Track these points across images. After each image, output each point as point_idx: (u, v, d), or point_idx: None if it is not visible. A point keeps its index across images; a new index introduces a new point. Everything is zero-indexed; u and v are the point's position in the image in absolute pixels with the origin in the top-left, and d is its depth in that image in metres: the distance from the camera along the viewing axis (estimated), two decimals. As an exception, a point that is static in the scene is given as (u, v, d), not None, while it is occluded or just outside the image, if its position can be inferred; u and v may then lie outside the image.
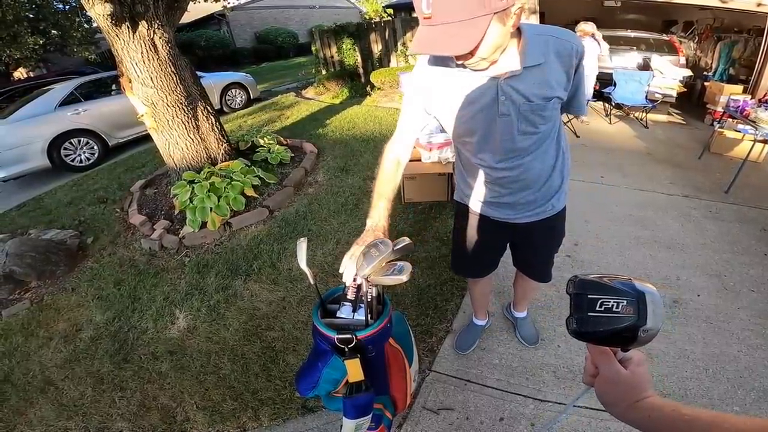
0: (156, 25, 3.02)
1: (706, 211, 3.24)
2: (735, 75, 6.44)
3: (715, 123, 5.59)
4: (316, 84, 8.76)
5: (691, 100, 6.57)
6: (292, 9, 20.55)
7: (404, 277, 0.91)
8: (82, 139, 5.50)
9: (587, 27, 4.70)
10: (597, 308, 0.48)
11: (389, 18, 9.20)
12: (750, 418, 0.42)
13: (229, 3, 6.72)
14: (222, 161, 3.73)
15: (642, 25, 8.49)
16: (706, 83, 6.32)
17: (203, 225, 2.96)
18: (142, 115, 3.34)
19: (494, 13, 0.77)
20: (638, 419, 0.50)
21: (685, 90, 6.10)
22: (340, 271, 1.00)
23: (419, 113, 1.14)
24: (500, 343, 1.97)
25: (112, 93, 6.04)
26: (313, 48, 9.43)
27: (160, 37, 3.08)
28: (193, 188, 3.09)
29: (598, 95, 5.93)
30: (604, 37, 6.48)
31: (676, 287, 2.36)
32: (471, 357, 1.90)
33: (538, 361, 1.86)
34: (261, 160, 3.88)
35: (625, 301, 0.46)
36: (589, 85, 5.11)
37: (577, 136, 4.96)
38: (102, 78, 6.31)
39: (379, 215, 1.09)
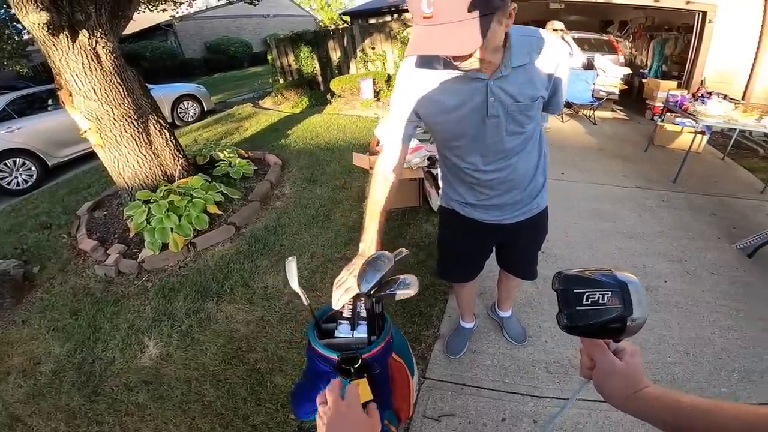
0: (98, 34, 2.79)
1: (659, 201, 3.46)
2: (668, 71, 7.01)
3: (655, 117, 6.05)
4: (274, 93, 8.56)
5: (631, 97, 7.05)
6: (245, 18, 20.05)
7: (412, 291, 0.86)
8: (17, 159, 4.99)
9: (559, 25, 4.48)
10: (584, 302, 0.49)
11: (347, 25, 9.19)
12: (744, 406, 0.44)
13: (178, 13, 6.39)
14: (179, 178, 3.50)
15: (582, 25, 9.07)
16: (643, 80, 6.82)
17: (164, 247, 2.75)
18: (86, 131, 3.06)
19: (494, 12, 0.75)
20: (639, 409, 0.50)
21: (626, 87, 6.54)
22: (333, 302, 0.94)
23: (409, 119, 1.08)
24: (489, 343, 1.96)
25: (49, 108, 5.53)
26: (268, 57, 9.22)
27: (103, 47, 2.85)
28: (149, 208, 2.87)
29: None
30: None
31: (644, 275, 2.47)
32: (463, 360, 1.88)
33: (528, 359, 1.87)
34: (222, 175, 3.69)
35: (609, 293, 0.47)
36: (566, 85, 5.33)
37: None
38: (36, 92, 5.79)
39: (371, 238, 1.02)
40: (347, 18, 12.52)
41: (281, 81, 8.92)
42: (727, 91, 4.66)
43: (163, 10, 5.84)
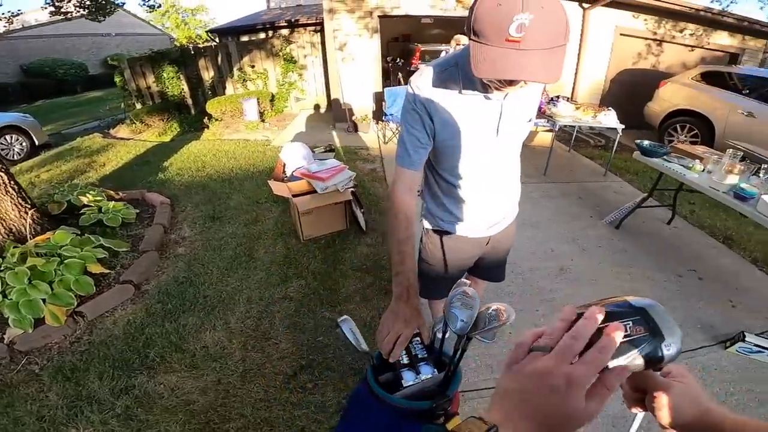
0: None
1: (540, 192, 4.06)
2: None
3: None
4: (131, 120, 7.33)
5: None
6: (75, 37, 16.70)
7: (512, 317, 0.84)
8: None
9: (464, 39, 4.83)
10: None
11: (217, 42, 8.44)
12: None
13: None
14: (33, 234, 2.70)
15: (444, 38, 10.16)
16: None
17: (38, 322, 2.07)
18: None
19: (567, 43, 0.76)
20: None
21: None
22: (391, 358, 0.85)
23: (427, 143, 1.03)
24: (462, 351, 2.00)
25: None
26: (116, 79, 7.89)
27: None
28: (1, 279, 2.13)
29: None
30: (427, 52, 7.52)
31: (554, 257, 2.86)
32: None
33: (503, 353, 1.97)
34: (94, 225, 2.96)
35: (630, 322, 0.43)
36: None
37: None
38: None
39: (409, 281, 0.93)
40: (210, 35, 11.58)
41: (138, 106, 7.71)
42: (560, 93, 5.77)
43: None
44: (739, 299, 2.47)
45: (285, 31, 7.97)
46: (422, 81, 0.98)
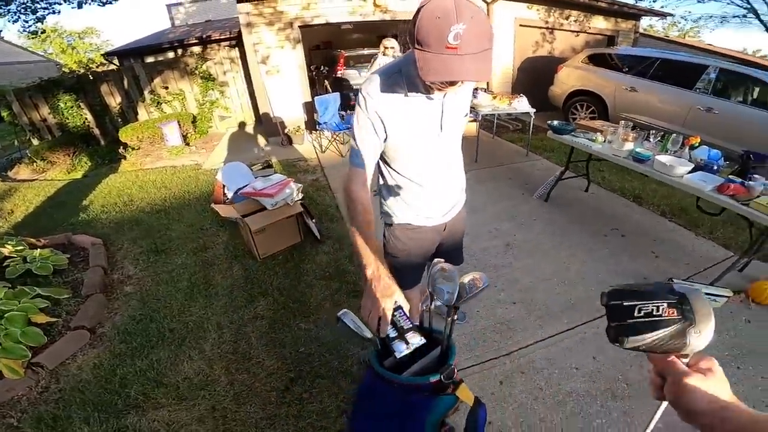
0: None
1: (475, 178, 4.38)
2: None
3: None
4: (30, 159, 6.48)
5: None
6: None
7: (487, 282, 0.98)
8: None
9: (390, 43, 4.48)
10: (636, 314, 0.47)
11: (129, 64, 7.73)
12: None
13: None
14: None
15: (364, 42, 10.40)
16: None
17: None
18: None
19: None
20: (727, 426, 0.44)
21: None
22: (381, 332, 0.90)
23: (378, 144, 1.13)
24: (437, 335, 2.14)
25: None
26: (3, 113, 6.91)
27: None
28: None
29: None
30: (351, 58, 7.63)
31: (499, 236, 3.14)
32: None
33: (477, 330, 2.15)
34: (21, 276, 2.64)
35: (665, 304, 0.45)
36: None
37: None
38: None
39: (375, 260, 1.00)
40: (99, 59, 10.50)
41: (36, 141, 6.84)
42: (478, 86, 6.23)
43: None
44: (659, 250, 2.92)
45: (197, 48, 7.58)
46: (372, 88, 1.06)
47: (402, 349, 0.88)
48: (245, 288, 2.58)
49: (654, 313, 0.46)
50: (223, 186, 3.77)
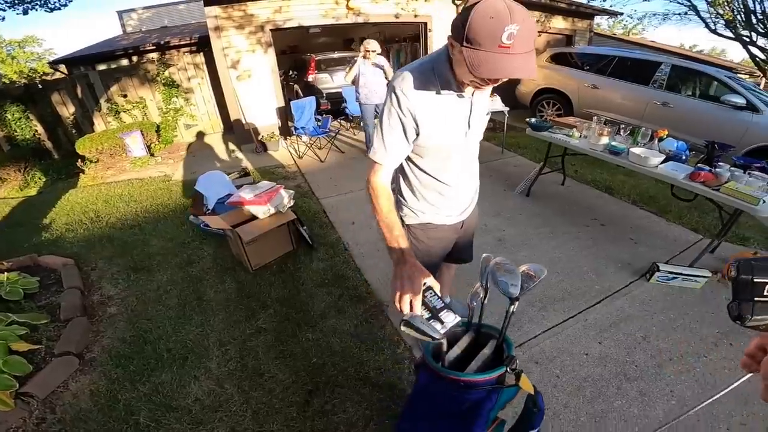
0: None
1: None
2: None
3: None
4: (-26, 177, 5.94)
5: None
6: None
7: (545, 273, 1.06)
8: None
9: (373, 46, 4.34)
10: (765, 293, 0.43)
11: (83, 72, 7.21)
12: None
13: None
14: None
15: (331, 45, 10.33)
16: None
17: None
18: None
19: None
20: None
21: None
22: (417, 311, 0.90)
23: (406, 147, 1.16)
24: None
25: None
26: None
27: None
28: None
29: (336, 113, 6.89)
30: (322, 62, 7.55)
31: (490, 231, 3.22)
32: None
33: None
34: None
35: None
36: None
37: (343, 152, 5.65)
38: None
39: (403, 245, 1.03)
40: (42, 68, 9.76)
41: (-21, 158, 6.26)
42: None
43: None
44: (636, 236, 3.10)
45: (154, 55, 7.21)
46: (406, 85, 1.07)
47: (438, 329, 0.87)
48: (242, 301, 2.48)
49: None
50: (204, 197, 3.62)
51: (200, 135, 7.39)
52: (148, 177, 5.43)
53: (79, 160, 6.04)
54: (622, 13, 9.76)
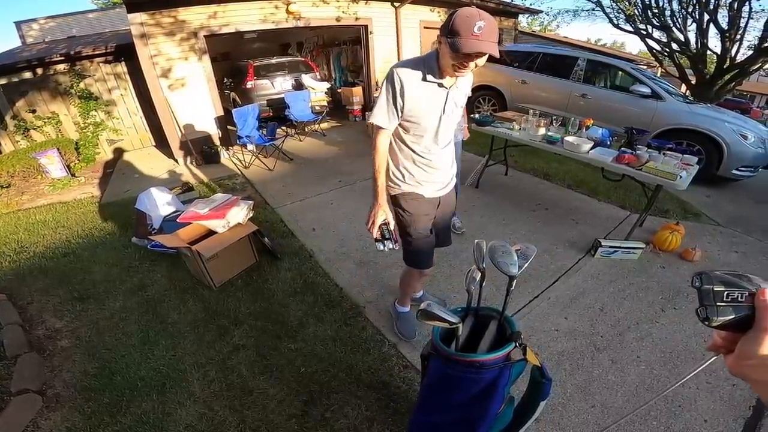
0: None
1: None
2: (351, 79, 8.88)
3: (356, 118, 7.67)
4: None
5: (335, 106, 8.54)
6: None
7: (535, 250, 1.21)
8: None
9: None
10: (725, 299, 0.55)
11: None
12: None
13: None
14: None
15: (265, 51, 9.99)
16: (338, 90, 8.41)
17: None
18: None
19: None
20: None
21: (330, 99, 7.89)
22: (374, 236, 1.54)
23: (400, 109, 1.45)
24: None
25: None
26: None
27: None
28: None
29: (281, 119, 6.71)
30: (261, 68, 7.29)
31: (468, 227, 3.35)
32: (421, 341, 2.09)
33: None
34: None
35: (747, 293, 0.54)
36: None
37: (291, 159, 5.54)
38: None
39: (381, 195, 1.56)
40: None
41: None
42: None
43: None
44: (576, 217, 3.43)
45: (63, 66, 6.46)
46: (401, 68, 1.42)
47: (381, 248, 1.54)
48: (211, 320, 2.36)
49: (738, 299, 0.55)
50: (147, 216, 3.36)
51: (127, 150, 6.80)
52: (73, 200, 4.89)
53: (-16, 186, 5.27)
54: (542, 11, 10.61)
